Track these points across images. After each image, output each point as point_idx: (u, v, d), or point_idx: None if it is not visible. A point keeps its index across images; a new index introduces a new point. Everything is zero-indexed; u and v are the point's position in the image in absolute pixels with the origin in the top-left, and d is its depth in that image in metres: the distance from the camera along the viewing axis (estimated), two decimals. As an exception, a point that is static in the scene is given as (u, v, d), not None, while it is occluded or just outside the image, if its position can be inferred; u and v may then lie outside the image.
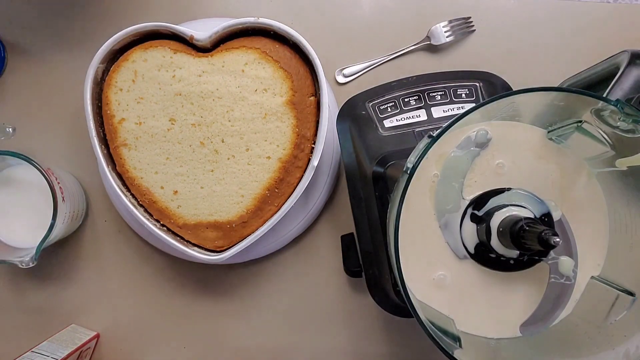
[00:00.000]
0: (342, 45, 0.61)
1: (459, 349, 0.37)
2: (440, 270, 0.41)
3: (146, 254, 0.60)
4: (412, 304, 0.35)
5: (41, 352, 0.52)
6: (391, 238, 0.37)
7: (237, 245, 0.51)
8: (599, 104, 0.35)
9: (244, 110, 0.51)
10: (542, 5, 0.61)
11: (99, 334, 0.60)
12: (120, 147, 0.52)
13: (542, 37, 0.61)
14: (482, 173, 0.41)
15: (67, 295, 0.60)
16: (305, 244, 0.60)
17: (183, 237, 0.53)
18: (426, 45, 0.60)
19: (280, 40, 0.52)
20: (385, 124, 0.54)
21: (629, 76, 0.38)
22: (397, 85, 0.54)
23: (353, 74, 0.60)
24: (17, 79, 0.61)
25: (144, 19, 0.54)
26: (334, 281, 0.59)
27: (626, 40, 0.60)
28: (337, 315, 0.59)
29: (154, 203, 0.52)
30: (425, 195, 0.41)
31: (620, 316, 0.37)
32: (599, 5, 0.61)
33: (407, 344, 0.59)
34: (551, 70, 0.60)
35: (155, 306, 0.60)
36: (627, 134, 0.36)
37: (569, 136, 0.40)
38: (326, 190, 0.58)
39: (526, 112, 0.40)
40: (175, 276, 0.60)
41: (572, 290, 0.41)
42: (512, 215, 0.39)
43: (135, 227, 0.59)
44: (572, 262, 0.40)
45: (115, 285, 0.60)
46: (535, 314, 0.41)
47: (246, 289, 0.60)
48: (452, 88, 0.54)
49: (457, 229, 0.41)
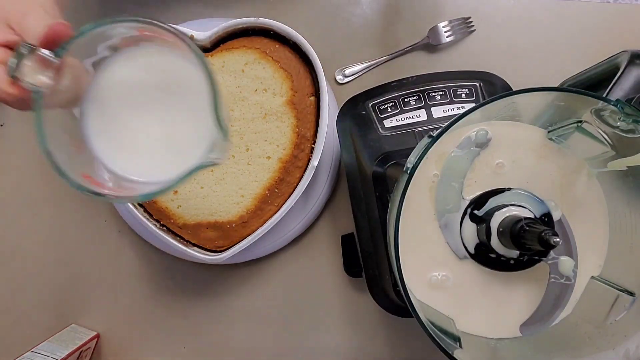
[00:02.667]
0: (342, 45, 0.61)
1: (459, 349, 0.37)
2: (441, 271, 0.41)
3: (146, 254, 0.60)
4: (412, 304, 0.35)
5: (41, 352, 0.52)
6: (391, 238, 0.37)
7: (237, 245, 0.51)
8: (599, 104, 0.35)
9: (244, 110, 0.51)
10: (542, 6, 0.61)
11: (99, 334, 0.60)
12: (120, 147, 0.52)
13: (542, 37, 0.61)
14: (482, 173, 0.41)
15: (67, 295, 0.60)
16: (305, 244, 0.60)
17: (183, 237, 0.53)
18: (426, 45, 0.60)
19: (280, 40, 0.52)
20: (385, 124, 0.54)
21: (629, 76, 0.38)
22: (397, 85, 0.54)
23: (353, 74, 0.60)
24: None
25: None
26: (334, 281, 0.59)
27: (626, 40, 0.60)
28: (337, 315, 0.59)
29: (154, 203, 0.52)
30: (425, 195, 0.41)
31: (620, 316, 0.37)
32: (599, 5, 0.61)
33: (407, 344, 0.59)
34: (551, 70, 0.60)
35: (155, 306, 0.60)
36: (627, 134, 0.36)
37: (569, 136, 0.40)
38: (326, 190, 0.58)
39: (526, 112, 0.40)
40: (175, 276, 0.60)
41: (572, 290, 0.41)
42: (512, 215, 0.39)
43: (135, 227, 0.59)
44: (572, 262, 0.40)
45: (115, 286, 0.60)
46: (535, 314, 0.41)
47: (246, 289, 0.60)
48: (452, 88, 0.54)
49: (457, 229, 0.41)
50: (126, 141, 0.39)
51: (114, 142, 0.39)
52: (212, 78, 0.34)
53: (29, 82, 0.34)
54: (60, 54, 0.35)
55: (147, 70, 0.39)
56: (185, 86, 0.39)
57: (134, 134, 0.39)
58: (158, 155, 0.39)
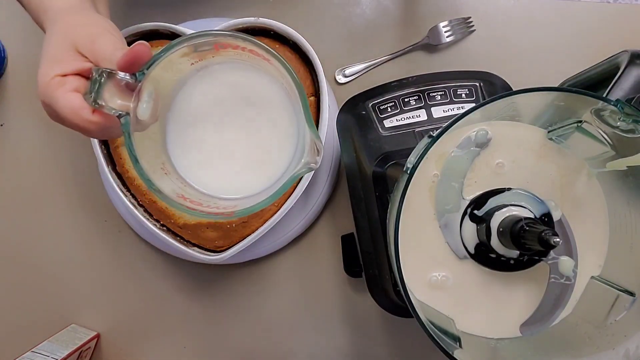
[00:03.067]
0: (342, 45, 0.61)
1: (459, 349, 0.37)
2: (441, 271, 0.41)
3: (146, 254, 0.60)
4: (412, 304, 0.35)
5: (41, 352, 0.52)
6: (391, 238, 0.37)
7: (237, 245, 0.51)
8: (599, 104, 0.35)
9: (244, 110, 0.51)
10: (542, 6, 0.61)
11: (99, 334, 0.60)
12: (120, 147, 0.52)
13: (542, 37, 0.61)
14: (482, 173, 0.41)
15: (67, 295, 0.60)
16: (305, 244, 0.60)
17: (183, 237, 0.53)
18: (426, 45, 0.60)
19: (281, 40, 0.52)
20: (385, 124, 0.54)
21: (629, 76, 0.38)
22: (397, 85, 0.54)
23: (353, 74, 0.60)
24: (17, 79, 0.61)
25: (144, 19, 0.53)
26: (334, 281, 0.59)
27: (626, 40, 0.60)
28: (337, 315, 0.59)
29: (154, 203, 0.52)
30: (425, 195, 0.41)
31: (620, 316, 0.37)
32: (599, 5, 0.61)
33: (407, 344, 0.59)
34: (551, 70, 0.60)
35: (155, 306, 0.60)
36: (627, 134, 0.36)
37: (569, 136, 0.40)
38: (326, 190, 0.58)
39: (526, 112, 0.40)
40: (175, 276, 0.60)
41: (572, 290, 0.41)
42: (512, 215, 0.39)
43: (135, 227, 0.59)
44: (572, 262, 0.40)
45: (115, 285, 0.60)
46: (535, 314, 0.41)
47: (246, 289, 0.60)
48: (452, 88, 0.54)
49: (457, 229, 0.41)
50: (209, 158, 0.39)
51: (197, 160, 0.39)
52: (297, 80, 0.34)
53: (111, 107, 0.33)
54: (140, 77, 0.33)
55: (224, 86, 0.39)
56: (263, 98, 0.39)
57: (218, 150, 0.39)
58: (245, 169, 0.39)
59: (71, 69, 0.35)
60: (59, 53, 0.35)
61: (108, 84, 0.33)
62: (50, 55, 0.36)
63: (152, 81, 0.35)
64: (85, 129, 0.35)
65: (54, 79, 0.34)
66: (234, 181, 0.39)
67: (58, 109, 0.34)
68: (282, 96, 0.38)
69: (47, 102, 0.35)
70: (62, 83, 0.34)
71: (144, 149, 0.35)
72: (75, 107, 0.34)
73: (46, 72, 0.35)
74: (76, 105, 0.34)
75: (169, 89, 0.38)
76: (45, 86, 0.35)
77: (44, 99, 0.35)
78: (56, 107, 0.34)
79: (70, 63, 0.35)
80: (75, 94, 0.34)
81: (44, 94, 0.35)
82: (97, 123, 0.34)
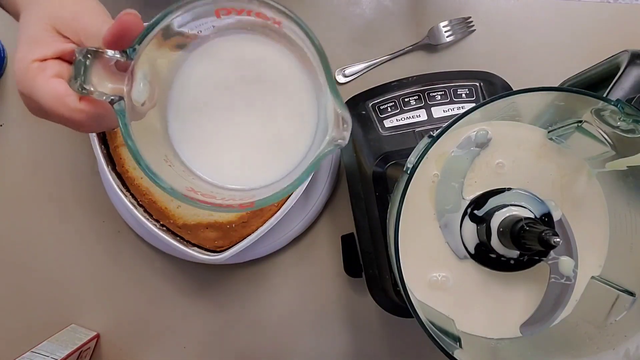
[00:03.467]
0: (342, 45, 0.61)
1: (459, 349, 0.37)
2: (441, 271, 0.41)
3: (146, 254, 0.60)
4: (412, 304, 0.35)
5: (41, 352, 0.52)
6: (391, 238, 0.36)
7: (237, 245, 0.51)
8: (599, 104, 0.35)
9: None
10: (542, 6, 0.61)
11: (99, 334, 0.60)
12: (120, 147, 0.52)
13: (542, 37, 0.61)
14: (482, 173, 0.41)
15: (67, 296, 0.60)
16: (305, 244, 0.60)
17: (183, 237, 0.53)
18: (426, 45, 0.60)
19: (280, 40, 0.52)
20: (386, 124, 0.54)
21: (629, 76, 0.38)
22: (397, 85, 0.54)
23: (353, 74, 0.60)
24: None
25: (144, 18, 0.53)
26: (334, 281, 0.59)
27: (626, 40, 0.60)
28: (337, 315, 0.59)
29: (154, 203, 0.52)
30: (425, 195, 0.41)
31: (620, 316, 0.37)
32: (599, 5, 0.61)
33: (407, 344, 0.59)
34: (551, 70, 0.60)
35: (155, 306, 0.60)
36: (627, 134, 0.36)
37: (569, 136, 0.40)
38: (326, 190, 0.58)
39: (526, 112, 0.40)
40: (175, 276, 0.60)
41: (572, 290, 0.41)
42: (512, 215, 0.39)
43: (135, 227, 0.58)
44: (572, 262, 0.40)
45: (115, 285, 0.60)
46: (535, 314, 0.41)
47: (246, 289, 0.60)
48: (452, 88, 0.54)
49: (457, 229, 0.41)
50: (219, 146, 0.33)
51: (205, 149, 0.33)
52: (317, 42, 0.28)
53: (102, 92, 0.28)
54: (132, 54, 0.28)
55: (228, 62, 0.33)
56: (274, 73, 0.33)
57: (227, 136, 0.33)
58: (260, 155, 0.33)
59: (52, 51, 0.30)
60: (36, 34, 0.31)
61: (95, 65, 0.27)
62: (26, 37, 0.31)
63: (147, 58, 0.30)
64: (74, 120, 0.30)
65: (32, 64, 0.30)
66: (248, 170, 0.34)
67: (39, 99, 0.29)
68: (294, 68, 0.32)
69: (26, 93, 0.30)
70: (42, 68, 0.30)
71: (144, 140, 0.30)
72: (59, 95, 0.29)
73: (23, 57, 0.30)
74: (60, 93, 0.29)
75: (167, 67, 0.33)
76: (23, 73, 0.30)
77: (23, 89, 0.30)
78: (37, 97, 0.29)
79: (51, 44, 0.30)
80: (57, 79, 0.29)
81: (22, 83, 0.30)
82: (87, 112, 0.29)
